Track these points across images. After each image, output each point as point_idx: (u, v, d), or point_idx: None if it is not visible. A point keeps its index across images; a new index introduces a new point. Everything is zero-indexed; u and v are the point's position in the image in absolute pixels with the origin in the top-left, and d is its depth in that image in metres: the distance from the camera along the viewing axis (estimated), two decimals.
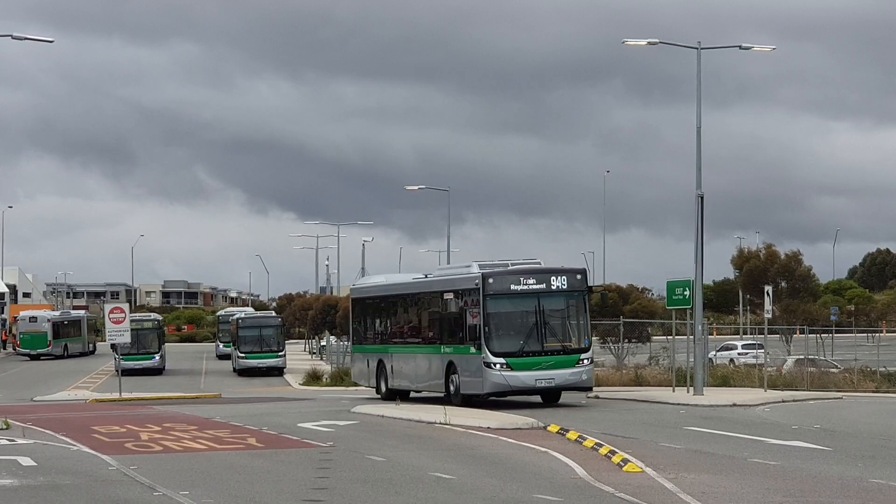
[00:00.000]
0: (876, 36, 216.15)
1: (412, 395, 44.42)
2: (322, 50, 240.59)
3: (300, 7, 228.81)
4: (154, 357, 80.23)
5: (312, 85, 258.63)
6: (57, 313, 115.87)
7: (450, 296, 40.17)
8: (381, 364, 45.17)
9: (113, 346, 64.53)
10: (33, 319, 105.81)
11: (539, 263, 40.70)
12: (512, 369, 37.98)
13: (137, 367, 76.77)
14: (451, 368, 39.92)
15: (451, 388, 39.91)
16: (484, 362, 37.96)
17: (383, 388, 45.13)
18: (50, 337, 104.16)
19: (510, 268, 39.37)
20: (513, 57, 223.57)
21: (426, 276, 44.82)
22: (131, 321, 68.48)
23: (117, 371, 63.30)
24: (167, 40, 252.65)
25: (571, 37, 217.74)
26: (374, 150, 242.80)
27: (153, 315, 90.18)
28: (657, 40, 48.05)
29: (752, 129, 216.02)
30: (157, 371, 79.30)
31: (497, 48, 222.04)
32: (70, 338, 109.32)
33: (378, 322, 46.88)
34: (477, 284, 38.31)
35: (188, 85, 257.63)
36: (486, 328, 37.94)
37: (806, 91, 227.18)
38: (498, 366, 37.90)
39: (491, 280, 38.26)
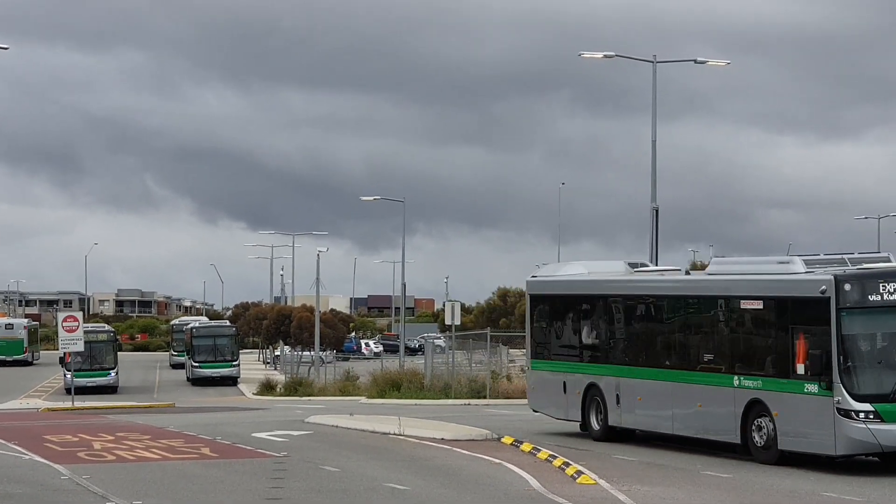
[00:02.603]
0: (820, 51, 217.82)
1: (637, 432, 31.52)
2: (269, 59, 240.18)
3: (246, 16, 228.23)
4: (109, 374, 72.42)
5: (259, 94, 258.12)
6: (25, 321, 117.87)
7: (756, 305, 28.21)
8: (592, 390, 32.10)
9: (62, 361, 63.11)
10: (9, 326, 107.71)
11: (888, 258, 28.40)
12: (883, 420, 25.54)
13: (90, 384, 69.06)
14: (754, 410, 27.53)
15: (757, 438, 27.32)
16: (838, 409, 25.54)
17: (596, 424, 31.90)
18: (26, 343, 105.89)
19: (871, 268, 27.11)
20: (460, 68, 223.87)
21: (687, 272, 33.70)
22: (84, 332, 67.79)
23: (67, 390, 61.64)
24: (112, 47, 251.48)
25: (519, 48, 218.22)
26: (324, 159, 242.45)
27: (106, 326, 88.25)
28: (613, 54, 48.27)
29: (699, 142, 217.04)
30: (112, 389, 71.65)
31: (444, 59, 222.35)
32: (35, 345, 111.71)
33: (588, 330, 33.13)
34: (823, 292, 26.12)
35: (134, 93, 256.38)
36: (841, 357, 25.74)
37: (751, 105, 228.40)
38: (862, 415, 25.56)
39: (849, 286, 26.09)
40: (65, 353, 61.69)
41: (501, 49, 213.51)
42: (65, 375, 65.72)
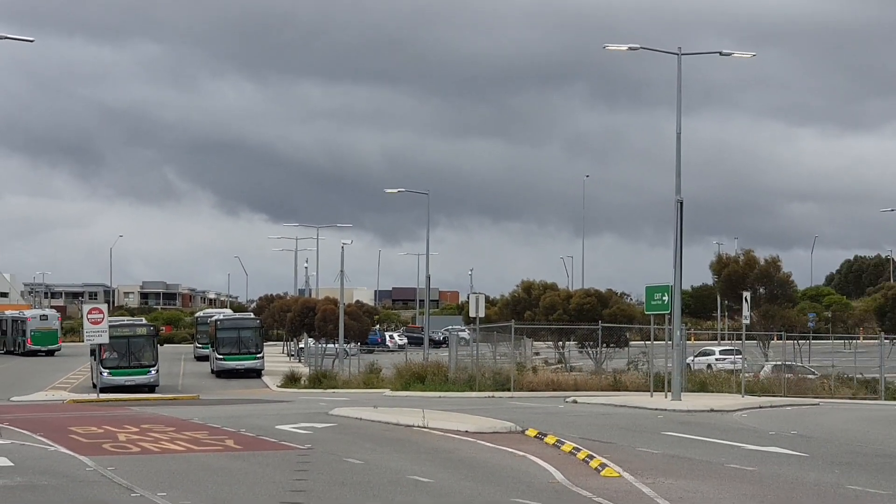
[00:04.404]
0: (838, 42, 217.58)
1: None
2: (285, 52, 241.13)
3: (262, 9, 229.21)
4: (149, 371, 66.38)
5: (276, 87, 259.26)
6: (57, 312, 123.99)
7: None
8: None
9: (95, 355, 62.32)
10: (44, 318, 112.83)
11: None
12: None
13: (129, 382, 64.48)
14: None
15: None
16: None
17: None
18: (60, 334, 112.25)
19: None
20: (475, 60, 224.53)
21: None
22: (122, 326, 67.38)
23: (94, 385, 60.61)
24: (129, 40, 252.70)
25: (535, 41, 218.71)
26: (341, 152, 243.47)
27: (143, 320, 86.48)
28: (638, 46, 48.16)
29: (718, 134, 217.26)
30: (151, 388, 65.48)
31: (459, 52, 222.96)
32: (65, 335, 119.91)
33: None
34: None
35: (151, 85, 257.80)
36: None
37: (770, 97, 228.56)
38: None
39: None
40: (100, 348, 61.41)
41: (514, 42, 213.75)
42: (101, 373, 63.27)
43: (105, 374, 62.82)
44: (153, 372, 66.56)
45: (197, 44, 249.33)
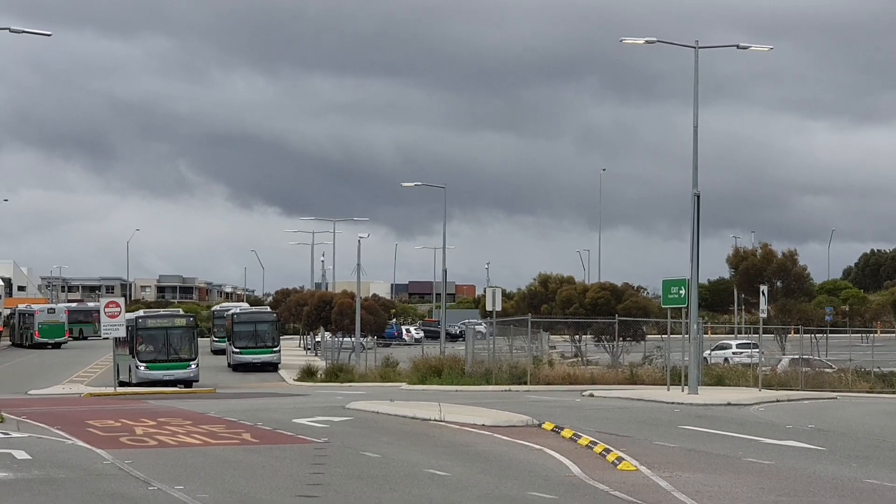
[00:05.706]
0: (851, 35, 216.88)
1: None
2: (296, 45, 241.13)
3: (272, 1, 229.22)
4: (189, 365, 62.97)
5: (287, 80, 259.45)
6: (65, 305, 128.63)
7: None
8: None
9: (132, 350, 61.91)
10: (52, 311, 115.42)
11: None
12: None
13: (167, 377, 61.56)
14: None
15: None
16: None
17: None
18: (67, 327, 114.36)
19: None
20: (487, 53, 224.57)
21: None
22: (159, 317, 67.13)
23: (122, 382, 60.12)
24: (139, 33, 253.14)
25: (545, 34, 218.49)
26: (354, 145, 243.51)
27: (181, 311, 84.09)
28: (654, 39, 48.05)
29: (730, 128, 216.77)
30: (189, 384, 62.57)
31: (471, 45, 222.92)
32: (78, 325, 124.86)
33: None
34: None
35: (162, 78, 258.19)
36: None
37: (781, 90, 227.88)
38: None
39: None
40: (135, 340, 61.37)
41: (529, 35, 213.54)
42: (136, 367, 61.69)
43: (142, 368, 61.47)
44: (193, 366, 63.32)
45: (207, 37, 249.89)
